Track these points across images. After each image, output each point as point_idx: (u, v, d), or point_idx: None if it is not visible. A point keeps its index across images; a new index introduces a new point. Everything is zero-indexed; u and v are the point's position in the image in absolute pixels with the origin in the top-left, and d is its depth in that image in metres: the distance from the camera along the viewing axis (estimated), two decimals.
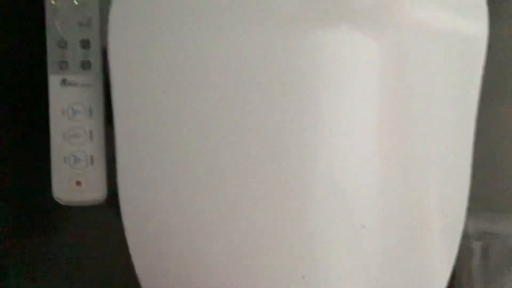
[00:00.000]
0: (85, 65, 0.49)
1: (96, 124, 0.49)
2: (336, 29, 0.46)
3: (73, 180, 0.49)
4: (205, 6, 0.45)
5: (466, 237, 0.58)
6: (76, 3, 0.49)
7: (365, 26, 0.47)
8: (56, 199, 0.50)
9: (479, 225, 0.72)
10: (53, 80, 0.49)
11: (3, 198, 0.58)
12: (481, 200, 0.55)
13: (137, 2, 0.44)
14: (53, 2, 0.48)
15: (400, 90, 0.49)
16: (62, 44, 0.49)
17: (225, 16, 0.45)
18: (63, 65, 0.49)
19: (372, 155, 0.50)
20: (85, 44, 0.49)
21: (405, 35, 0.48)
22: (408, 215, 0.51)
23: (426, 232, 0.53)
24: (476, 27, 0.48)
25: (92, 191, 0.50)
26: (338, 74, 0.47)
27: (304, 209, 0.49)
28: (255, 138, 0.47)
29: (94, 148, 0.49)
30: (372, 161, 0.49)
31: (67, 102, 0.49)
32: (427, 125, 0.51)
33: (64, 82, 0.49)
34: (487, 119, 0.52)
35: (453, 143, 0.51)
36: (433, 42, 0.48)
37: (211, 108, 0.46)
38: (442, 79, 0.50)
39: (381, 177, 0.50)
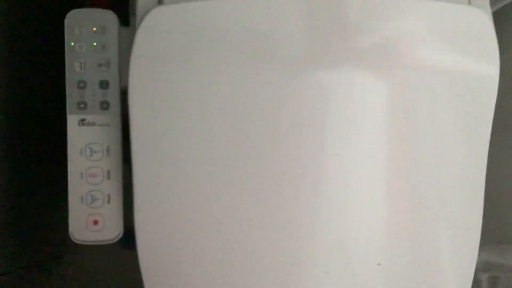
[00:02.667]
0: (104, 106, 0.50)
1: (113, 163, 0.50)
2: (342, 69, 0.47)
3: (90, 220, 0.50)
4: (218, 47, 0.46)
5: None
6: (95, 44, 0.49)
7: (371, 66, 0.48)
8: (72, 238, 0.50)
9: (486, 256, 0.73)
10: (72, 120, 0.49)
11: (19, 234, 0.58)
12: (487, 231, 0.55)
13: (156, 46, 0.45)
14: (72, 43, 0.49)
15: (409, 130, 0.50)
16: (81, 85, 0.49)
17: (236, 56, 0.46)
18: (81, 105, 0.49)
19: (383, 195, 0.50)
20: (104, 85, 0.50)
21: (412, 75, 0.49)
22: (418, 253, 0.52)
23: (438, 268, 0.53)
24: (488, 68, 0.49)
25: (108, 230, 0.50)
26: (344, 114, 0.48)
27: (320, 249, 0.49)
28: (271, 180, 0.48)
29: (111, 187, 0.50)
30: (383, 201, 0.50)
31: (85, 141, 0.49)
32: (438, 162, 0.51)
33: (82, 122, 0.49)
34: (495, 151, 0.53)
35: (465, 180, 0.52)
36: (443, 82, 0.49)
37: (225, 148, 0.47)
38: (452, 118, 0.51)
39: (392, 217, 0.51)
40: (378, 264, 0.51)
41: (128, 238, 0.85)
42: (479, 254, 0.59)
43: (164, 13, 0.44)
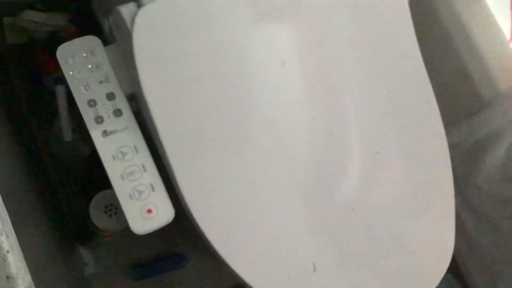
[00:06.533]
0: (117, 113, 0.56)
1: (144, 157, 0.56)
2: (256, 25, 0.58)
3: (144, 210, 0.55)
4: (210, 35, 0.56)
5: None
6: (90, 67, 0.56)
7: (279, 16, 0.59)
8: (136, 233, 0.55)
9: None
10: (95, 134, 0.56)
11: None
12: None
13: (153, 40, 0.54)
14: (71, 72, 0.56)
15: (328, 63, 0.60)
16: (92, 103, 0.56)
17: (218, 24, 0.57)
18: (99, 119, 0.56)
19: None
20: (111, 96, 0.57)
21: (320, 13, 0.60)
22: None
23: None
24: None
25: (163, 214, 0.56)
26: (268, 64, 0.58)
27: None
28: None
29: (150, 177, 0.56)
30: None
31: (114, 148, 0.56)
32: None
33: (105, 133, 0.56)
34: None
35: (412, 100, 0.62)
36: (351, 14, 0.61)
37: (223, 98, 0.57)
38: (373, 48, 0.61)
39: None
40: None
41: (142, 269, 0.90)
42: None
43: (149, 12, 0.53)
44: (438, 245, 0.60)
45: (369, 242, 0.58)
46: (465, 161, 0.85)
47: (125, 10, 0.54)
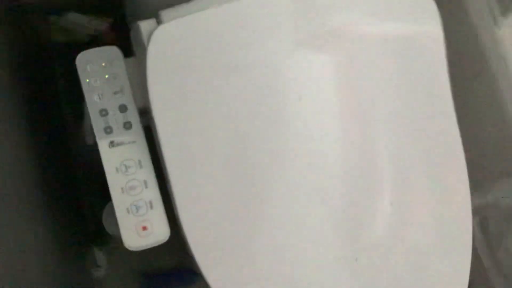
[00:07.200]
0: (127, 126, 0.56)
1: (147, 173, 0.56)
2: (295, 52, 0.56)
3: (139, 227, 0.55)
4: (226, 56, 0.55)
5: None
6: (107, 77, 0.57)
7: (318, 46, 0.57)
8: (128, 248, 0.55)
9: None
10: (102, 144, 0.56)
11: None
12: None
13: (167, 60, 0.53)
14: (87, 80, 0.56)
15: (363, 98, 0.58)
16: (103, 113, 0.56)
17: (233, 55, 0.55)
18: (108, 130, 0.56)
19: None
20: (123, 108, 0.57)
21: (358, 46, 0.58)
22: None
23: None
24: (428, 27, 0.59)
25: (158, 232, 0.55)
26: (303, 90, 0.56)
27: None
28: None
29: (150, 194, 0.56)
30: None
31: (118, 160, 0.56)
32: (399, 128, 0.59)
33: (112, 143, 0.56)
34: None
35: (437, 137, 0.60)
36: (388, 48, 0.58)
37: (236, 129, 0.55)
38: (405, 81, 0.59)
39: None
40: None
41: (150, 279, 0.89)
42: None
43: (169, 29, 0.53)
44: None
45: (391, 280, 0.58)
46: (501, 222, 0.80)
47: (145, 26, 0.53)
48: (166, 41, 0.53)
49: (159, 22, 0.54)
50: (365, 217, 0.58)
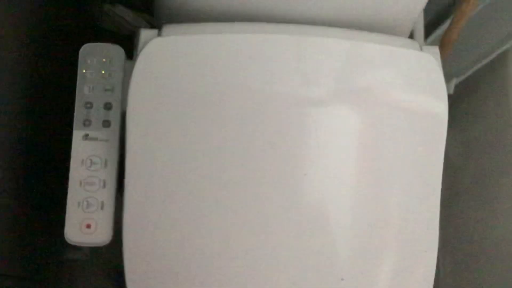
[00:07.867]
0: (106, 124, 0.57)
1: (109, 174, 0.56)
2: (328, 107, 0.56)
3: (84, 223, 0.55)
4: (210, 83, 0.54)
5: None
6: (104, 72, 0.58)
7: (352, 104, 0.57)
8: (66, 239, 0.55)
9: None
10: (77, 135, 0.57)
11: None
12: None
13: (153, 72, 0.54)
14: (84, 70, 0.58)
15: (373, 156, 0.57)
16: (88, 105, 0.57)
17: (229, 93, 0.54)
18: (86, 122, 0.57)
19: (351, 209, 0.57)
20: (108, 106, 0.58)
21: (382, 111, 0.57)
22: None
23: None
24: (437, 107, 0.57)
25: (99, 234, 0.55)
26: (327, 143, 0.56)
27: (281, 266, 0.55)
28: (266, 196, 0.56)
29: (105, 195, 0.56)
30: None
31: (86, 153, 0.56)
32: (395, 185, 0.58)
33: (86, 136, 0.57)
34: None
35: (420, 209, 0.58)
36: (402, 118, 0.57)
37: (213, 167, 0.54)
38: (408, 150, 0.57)
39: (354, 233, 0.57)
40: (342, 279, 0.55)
41: (121, 279, 0.90)
42: None
43: (162, 44, 0.53)
44: None
45: None
46: None
47: (145, 34, 0.54)
48: (156, 53, 0.53)
49: (159, 34, 0.54)
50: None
